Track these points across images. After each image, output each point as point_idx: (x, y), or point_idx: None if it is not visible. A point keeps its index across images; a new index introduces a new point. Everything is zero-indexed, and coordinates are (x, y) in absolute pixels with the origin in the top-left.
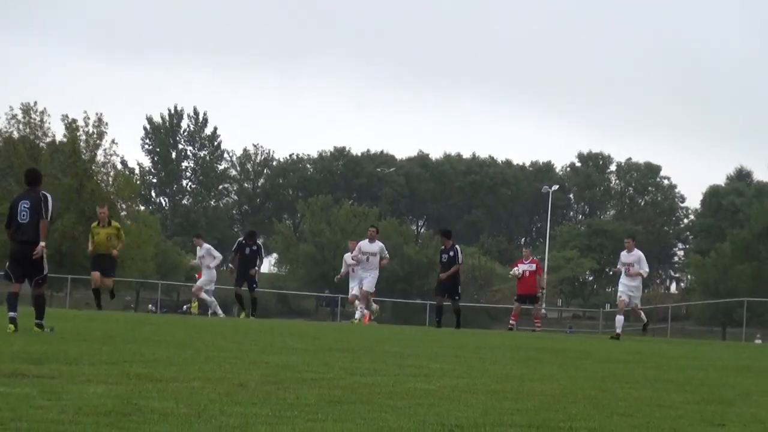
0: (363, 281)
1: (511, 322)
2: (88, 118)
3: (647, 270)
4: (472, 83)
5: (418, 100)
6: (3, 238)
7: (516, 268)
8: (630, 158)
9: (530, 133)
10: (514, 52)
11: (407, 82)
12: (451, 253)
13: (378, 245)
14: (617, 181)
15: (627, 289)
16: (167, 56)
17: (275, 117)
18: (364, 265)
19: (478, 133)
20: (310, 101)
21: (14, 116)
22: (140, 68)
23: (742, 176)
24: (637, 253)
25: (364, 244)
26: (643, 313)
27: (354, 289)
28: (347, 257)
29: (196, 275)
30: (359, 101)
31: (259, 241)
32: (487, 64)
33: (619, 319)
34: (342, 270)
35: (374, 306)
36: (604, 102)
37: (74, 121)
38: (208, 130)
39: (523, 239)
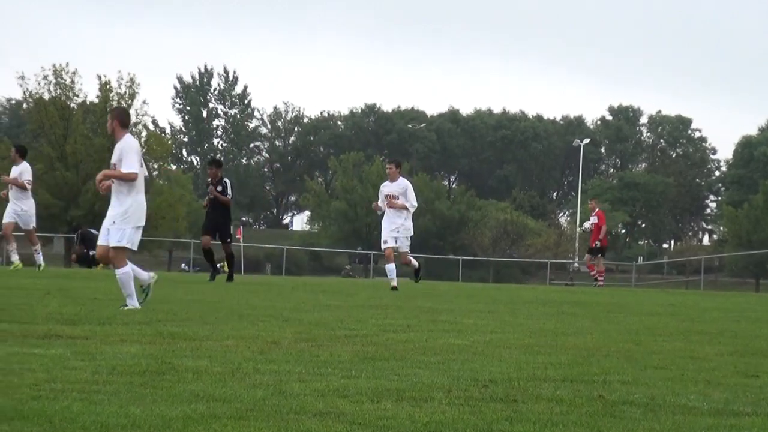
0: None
1: (592, 274)
2: (121, 78)
3: (415, 204)
4: (502, 38)
5: (449, 56)
6: None
7: (588, 222)
8: (660, 111)
9: (561, 87)
10: (545, 6)
11: (438, 37)
12: (219, 188)
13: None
14: (648, 134)
15: (392, 229)
16: (198, 15)
17: (305, 74)
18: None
19: (509, 87)
20: (340, 58)
21: (45, 77)
22: (170, 28)
23: None
24: (403, 183)
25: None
26: (413, 259)
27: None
28: None
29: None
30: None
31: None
32: (517, 19)
33: (390, 268)
34: None
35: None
36: (634, 55)
37: (108, 81)
38: (238, 89)
39: (555, 193)
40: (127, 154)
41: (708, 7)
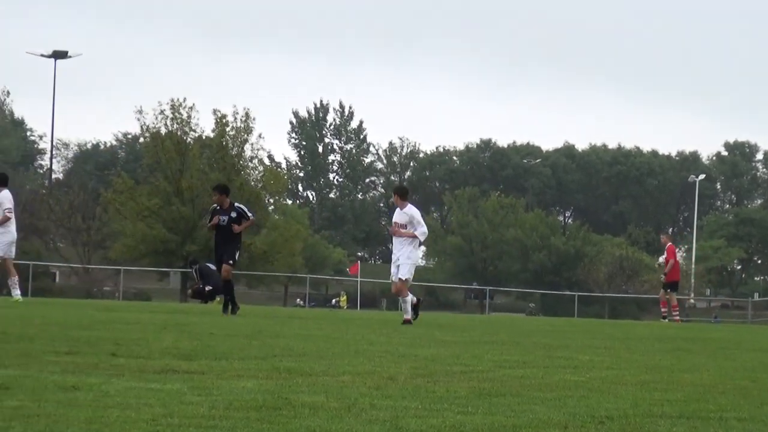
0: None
1: (663, 311)
2: (237, 113)
3: (425, 230)
4: (616, 74)
5: (564, 92)
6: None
7: (661, 257)
8: None
9: (676, 123)
10: (659, 42)
11: (552, 74)
12: (234, 214)
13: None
14: (764, 170)
15: (396, 258)
16: (314, 50)
17: (421, 110)
18: None
19: (624, 123)
20: (456, 94)
21: (162, 112)
22: (286, 63)
23: None
24: (409, 211)
25: None
26: (410, 293)
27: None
28: None
29: None
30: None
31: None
32: (631, 55)
33: (407, 300)
34: None
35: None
36: (750, 91)
37: (224, 116)
38: (354, 124)
39: (670, 229)
40: None
41: None
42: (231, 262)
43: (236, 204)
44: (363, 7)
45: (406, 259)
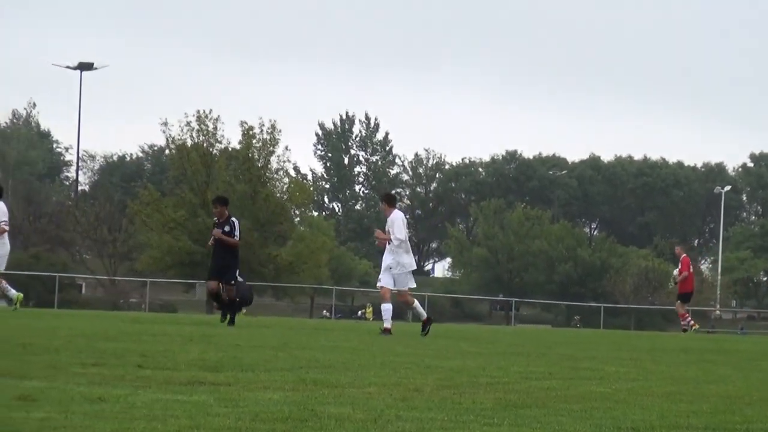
0: None
1: (683, 323)
2: (263, 125)
3: (399, 237)
4: (642, 85)
5: (589, 103)
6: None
7: (676, 270)
8: None
9: (702, 134)
10: (685, 54)
11: (577, 85)
12: (227, 228)
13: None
14: None
15: (386, 266)
16: (339, 62)
17: (446, 122)
18: None
19: (649, 134)
20: (481, 105)
21: (188, 124)
22: (311, 75)
23: None
24: (392, 216)
25: None
26: (416, 302)
27: None
28: None
29: None
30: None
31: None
32: (657, 67)
33: (386, 308)
34: None
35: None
36: None
37: (251, 128)
38: (379, 135)
39: (696, 240)
40: None
41: None
42: (233, 282)
43: (232, 218)
44: (388, 19)
45: (402, 268)
